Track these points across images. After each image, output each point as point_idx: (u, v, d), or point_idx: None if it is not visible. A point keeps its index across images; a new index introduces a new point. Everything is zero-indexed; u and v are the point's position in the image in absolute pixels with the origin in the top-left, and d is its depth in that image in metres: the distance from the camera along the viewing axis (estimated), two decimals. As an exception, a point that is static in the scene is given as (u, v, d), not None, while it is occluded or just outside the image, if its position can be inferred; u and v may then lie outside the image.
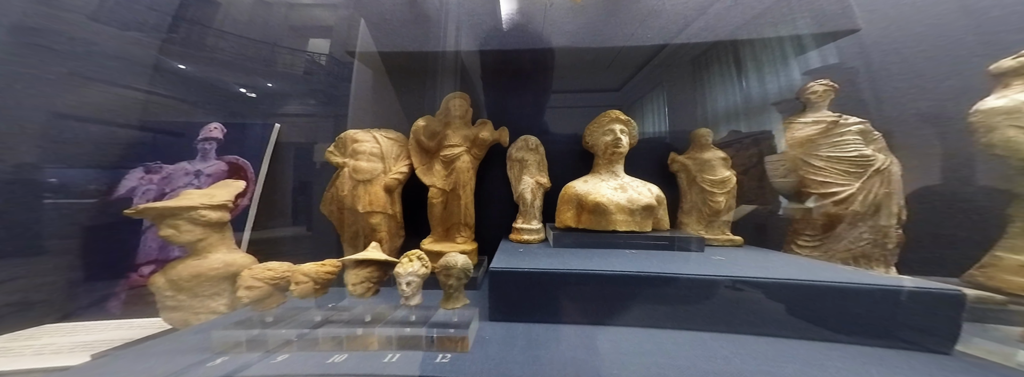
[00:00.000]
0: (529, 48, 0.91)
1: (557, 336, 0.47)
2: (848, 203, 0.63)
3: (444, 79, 1.00)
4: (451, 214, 0.83)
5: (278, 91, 1.05)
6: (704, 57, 0.89)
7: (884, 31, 0.75)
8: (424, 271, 0.45)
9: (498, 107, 0.99)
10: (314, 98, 1.06)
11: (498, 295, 0.53)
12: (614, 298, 0.51)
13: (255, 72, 1.03)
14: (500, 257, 0.63)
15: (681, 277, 0.48)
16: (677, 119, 0.92)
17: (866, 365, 0.38)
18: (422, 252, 0.46)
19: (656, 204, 0.75)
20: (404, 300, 0.43)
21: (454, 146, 0.84)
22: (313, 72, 1.04)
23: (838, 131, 0.66)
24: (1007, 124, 0.55)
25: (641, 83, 0.96)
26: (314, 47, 1.07)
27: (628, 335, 0.47)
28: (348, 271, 0.42)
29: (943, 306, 0.42)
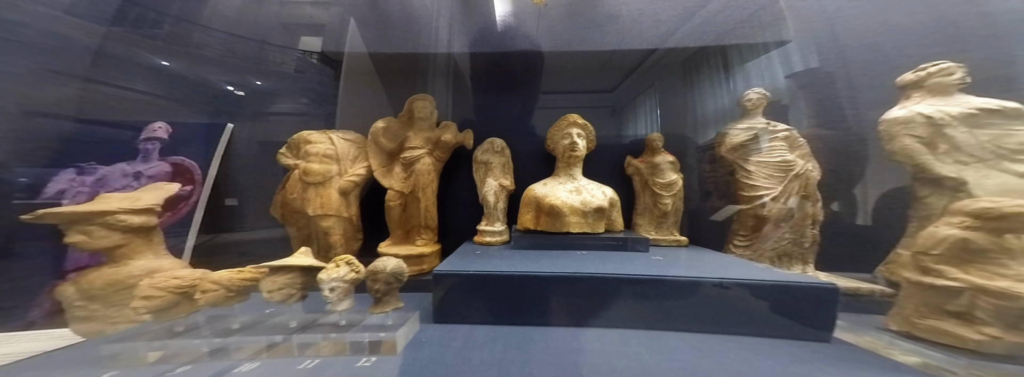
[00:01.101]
0: (495, 51, 0.93)
1: (496, 337, 0.48)
2: (772, 205, 0.68)
3: (429, 79, 1.00)
4: (411, 217, 0.83)
5: (268, 89, 1.01)
6: (693, 60, 0.92)
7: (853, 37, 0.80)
8: (353, 276, 0.44)
9: (472, 109, 0.99)
10: (306, 97, 1.03)
11: (441, 297, 0.54)
12: (548, 299, 0.53)
13: (243, 70, 0.99)
14: (450, 260, 0.65)
15: (602, 277, 0.51)
16: (663, 122, 0.94)
17: (754, 354, 0.42)
18: (353, 257, 0.46)
19: (608, 206, 0.78)
20: (330, 306, 0.42)
21: (415, 148, 0.84)
22: (304, 70, 1.02)
23: (766, 137, 0.71)
24: (904, 133, 0.61)
25: (631, 85, 0.98)
26: (306, 45, 1.03)
27: (561, 335, 0.49)
28: (264, 278, 0.42)
29: (820, 299, 0.47)
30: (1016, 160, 0.54)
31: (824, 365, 0.40)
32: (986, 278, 0.36)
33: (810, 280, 0.49)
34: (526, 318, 0.53)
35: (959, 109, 0.58)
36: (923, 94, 0.63)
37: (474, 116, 1.00)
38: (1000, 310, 0.35)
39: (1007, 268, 0.36)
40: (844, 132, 0.77)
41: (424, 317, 0.54)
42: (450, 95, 1.01)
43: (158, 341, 0.39)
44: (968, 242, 0.37)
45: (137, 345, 0.38)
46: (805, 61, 0.86)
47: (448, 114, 1.00)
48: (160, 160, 0.79)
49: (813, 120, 0.83)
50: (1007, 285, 0.35)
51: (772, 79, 0.90)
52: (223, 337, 0.40)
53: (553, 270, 0.53)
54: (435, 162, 0.86)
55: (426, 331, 0.50)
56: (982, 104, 0.58)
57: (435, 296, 0.53)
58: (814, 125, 0.81)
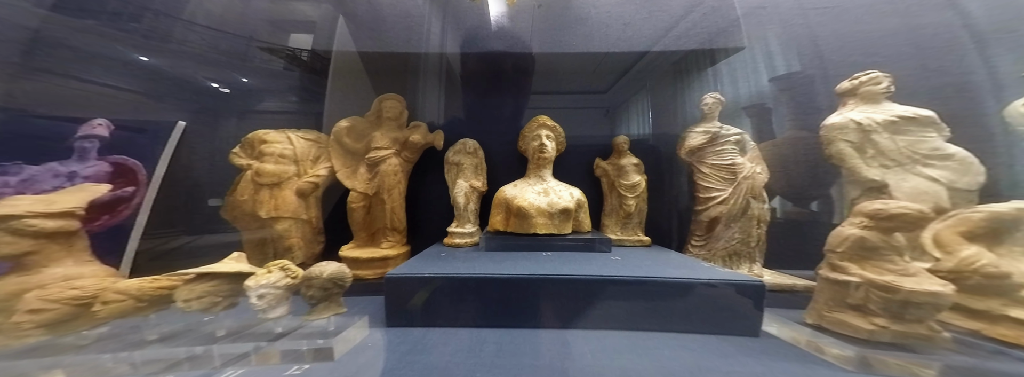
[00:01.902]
0: (483, 51, 0.92)
1: (449, 340, 0.48)
2: (722, 206, 0.72)
3: (417, 78, 0.97)
4: (376, 219, 0.81)
5: (255, 87, 0.98)
6: (683, 63, 0.94)
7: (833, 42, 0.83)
8: (288, 282, 0.43)
9: (461, 109, 0.98)
10: (295, 95, 1.00)
11: (393, 301, 0.53)
12: (502, 301, 0.53)
13: (229, 66, 0.95)
14: (409, 262, 0.64)
15: (553, 278, 0.52)
16: (654, 123, 0.96)
17: (687, 350, 0.44)
18: (289, 262, 0.45)
19: (574, 207, 0.79)
20: (260, 314, 0.41)
21: (381, 148, 0.82)
22: (294, 68, 0.98)
23: (719, 141, 0.74)
24: (839, 138, 0.66)
25: (624, 86, 0.99)
26: (296, 42, 1.00)
27: (514, 337, 0.49)
28: (181, 287, 0.40)
29: (748, 295, 0.49)
30: (928, 165, 0.59)
31: (743, 358, 0.43)
32: (877, 273, 0.39)
33: (738, 277, 0.52)
34: (480, 320, 0.53)
35: (883, 116, 0.63)
36: (856, 101, 0.68)
37: (463, 116, 0.99)
38: (886, 302, 0.38)
39: (894, 264, 0.39)
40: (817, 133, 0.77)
41: (379, 321, 0.53)
42: (442, 95, 1.00)
43: (54, 358, 0.36)
44: (865, 240, 0.41)
45: (25, 363, 0.35)
46: (788, 65, 0.90)
47: (440, 114, 0.99)
48: (99, 160, 0.73)
49: (793, 122, 0.86)
50: (892, 279, 0.38)
51: (757, 82, 0.93)
52: (135, 350, 0.37)
53: (508, 272, 0.54)
54: (403, 163, 0.85)
55: (376, 336, 0.49)
56: (902, 112, 0.63)
57: (387, 300, 0.52)
58: (794, 127, 0.84)
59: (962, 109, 0.67)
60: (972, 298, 0.41)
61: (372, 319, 0.53)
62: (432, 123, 0.94)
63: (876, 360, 0.37)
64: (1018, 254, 0.39)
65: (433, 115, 0.98)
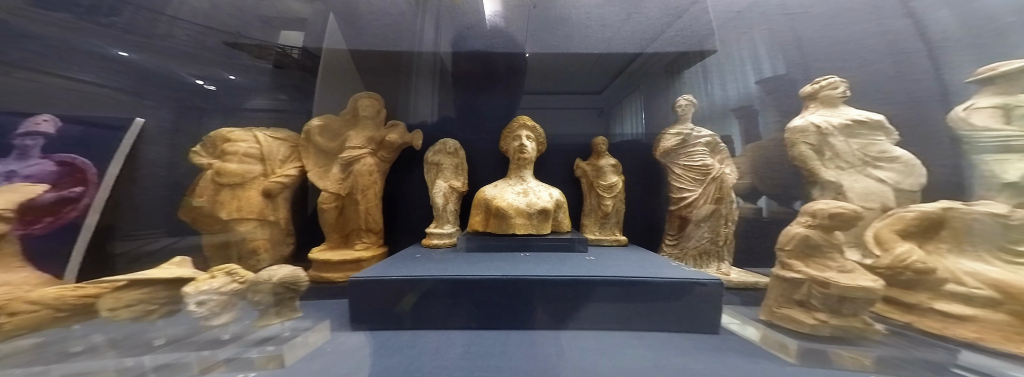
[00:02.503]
0: (475, 51, 0.90)
1: (415, 343, 0.48)
2: (693, 206, 0.74)
3: (410, 77, 0.95)
4: (349, 220, 0.80)
5: (243, 84, 0.94)
6: (674, 65, 0.95)
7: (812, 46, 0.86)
8: (234, 287, 0.41)
9: (452, 108, 0.96)
10: (285, 93, 0.97)
11: (357, 304, 0.52)
12: (470, 302, 0.53)
13: (215, 63, 0.91)
14: (379, 265, 0.63)
15: (521, 279, 0.52)
16: (647, 123, 0.96)
17: (648, 349, 0.45)
18: (236, 267, 0.43)
19: (552, 208, 0.79)
20: (202, 321, 0.39)
21: (356, 148, 0.80)
22: (285, 65, 0.95)
23: (691, 142, 0.76)
24: (801, 140, 0.69)
25: (618, 87, 0.99)
26: (286, 40, 0.97)
27: (483, 338, 0.49)
28: (106, 295, 0.37)
29: (707, 293, 0.51)
30: (877, 166, 0.62)
31: (698, 354, 0.44)
32: (818, 270, 0.42)
33: (698, 276, 0.53)
34: (449, 322, 0.52)
35: (839, 120, 0.66)
36: (817, 105, 0.71)
37: (447, 116, 0.98)
38: (826, 297, 0.40)
39: (834, 261, 0.42)
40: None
41: (345, 325, 0.51)
42: (426, 95, 0.98)
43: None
44: (808, 239, 0.43)
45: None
46: (774, 68, 0.93)
47: (425, 114, 0.97)
48: (42, 158, 0.68)
49: (779, 124, 0.87)
50: (830, 275, 0.40)
51: (746, 84, 0.96)
52: (55, 364, 0.34)
53: (473, 273, 0.53)
54: (379, 162, 0.83)
55: (338, 340, 0.48)
56: (855, 116, 0.66)
57: (351, 303, 0.51)
58: (780, 128, 0.85)
59: (916, 113, 0.71)
60: (906, 292, 0.44)
61: (338, 323, 0.51)
62: (420, 123, 0.92)
63: (816, 353, 0.39)
64: (944, 251, 0.43)
65: (418, 114, 0.96)
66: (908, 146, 0.69)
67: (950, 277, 0.41)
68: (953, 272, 0.41)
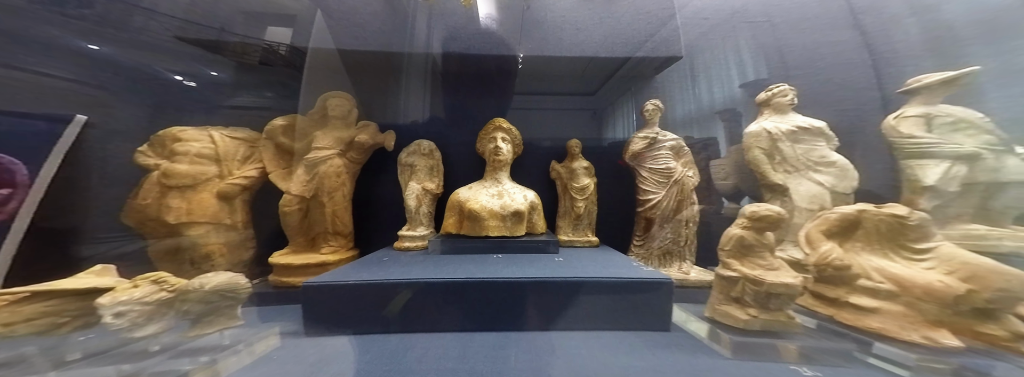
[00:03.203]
0: (465, 52, 0.87)
1: (371, 348, 0.47)
2: (657, 208, 0.77)
3: (401, 77, 0.93)
4: (315, 223, 0.77)
5: (225, 81, 0.89)
6: (664, 68, 0.96)
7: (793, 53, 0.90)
8: (161, 296, 0.39)
9: (442, 109, 0.95)
10: (272, 91, 0.93)
11: (311, 309, 0.51)
12: (431, 305, 0.53)
13: (196, 58, 0.85)
14: (342, 268, 0.62)
15: (480, 281, 0.52)
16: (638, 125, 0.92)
17: (600, 348, 0.46)
18: (166, 274, 0.41)
19: (526, 210, 0.79)
20: (124, 333, 0.36)
21: (322, 148, 0.78)
22: (271, 62, 0.90)
23: (656, 146, 0.79)
24: (755, 145, 0.73)
25: (611, 89, 1.00)
26: (273, 36, 0.93)
27: (444, 340, 0.49)
28: (1, 309, 0.34)
29: (657, 292, 0.53)
30: (817, 170, 0.67)
31: (645, 351, 0.46)
32: (750, 268, 0.45)
33: (649, 275, 0.55)
34: (408, 326, 0.52)
35: (787, 126, 0.71)
36: (770, 112, 0.75)
37: (426, 117, 0.96)
38: (756, 294, 0.43)
39: (764, 260, 0.45)
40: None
41: (300, 331, 0.50)
42: (425, 94, 0.97)
43: None
44: (743, 239, 0.46)
45: None
46: (756, 72, 0.96)
47: (423, 113, 0.95)
48: (-40, 158, 0.62)
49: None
50: (759, 273, 0.44)
51: (730, 88, 0.99)
52: None
53: (434, 277, 0.53)
54: (348, 164, 0.81)
55: (288, 347, 0.46)
56: (801, 122, 0.71)
57: (304, 309, 0.50)
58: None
59: (862, 120, 0.77)
60: (829, 288, 0.48)
61: (294, 329, 0.50)
62: (406, 123, 0.91)
63: (748, 346, 0.42)
64: (859, 249, 0.47)
65: (407, 114, 0.95)
66: (855, 150, 0.74)
67: (862, 273, 0.45)
68: (864, 268, 0.45)
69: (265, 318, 0.54)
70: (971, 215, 0.60)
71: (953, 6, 0.82)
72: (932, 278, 0.40)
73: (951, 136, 0.61)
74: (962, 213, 0.60)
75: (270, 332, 0.46)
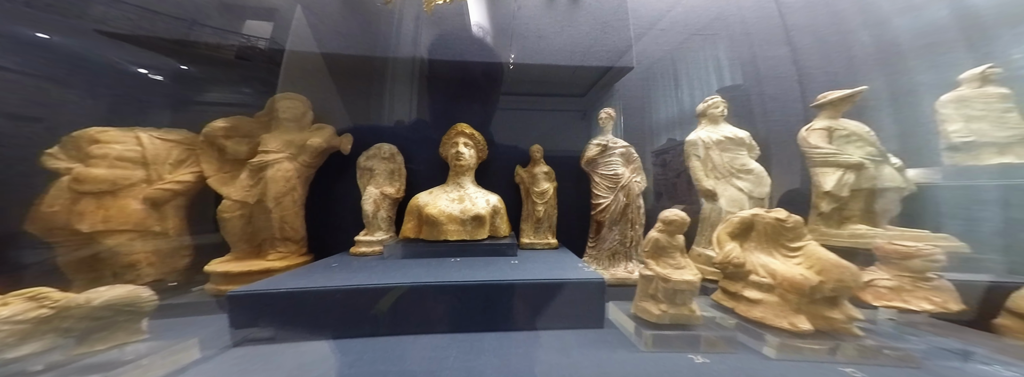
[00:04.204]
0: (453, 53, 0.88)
1: (305, 354, 0.46)
2: (606, 211, 0.81)
3: (385, 77, 0.91)
4: (260, 229, 0.74)
5: (196, 76, 0.84)
6: (649, 71, 1.01)
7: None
8: (38, 314, 0.36)
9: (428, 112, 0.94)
10: (249, 87, 0.88)
11: (238, 319, 0.49)
12: (368, 310, 0.53)
13: (164, 51, 0.81)
14: (279, 276, 0.60)
15: (420, 286, 0.53)
16: (626, 127, 0.99)
17: (536, 347, 0.49)
18: (47, 289, 0.38)
19: (487, 214, 0.81)
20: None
21: (270, 152, 0.75)
22: (250, 58, 0.85)
23: (607, 153, 0.83)
24: (692, 153, 0.80)
25: (599, 91, 1.02)
26: (252, 30, 0.88)
27: (376, 345, 0.49)
28: None
29: (591, 291, 0.57)
30: (739, 177, 0.74)
31: (575, 348, 0.49)
32: (662, 267, 0.50)
33: (584, 276, 0.58)
34: (347, 331, 0.52)
35: (717, 136, 0.77)
36: (706, 122, 0.82)
37: (428, 118, 0.95)
38: (665, 290, 0.48)
39: (674, 259, 0.50)
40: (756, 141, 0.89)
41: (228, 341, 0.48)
42: (414, 96, 0.95)
43: None
44: (658, 241, 0.51)
45: None
46: (733, 78, 1.03)
47: (412, 114, 0.94)
48: None
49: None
50: (667, 271, 0.49)
51: (710, 92, 1.01)
52: None
53: (369, 282, 0.53)
54: (300, 168, 0.78)
55: (208, 359, 0.44)
56: (728, 133, 0.77)
57: (230, 318, 0.49)
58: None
59: (789, 130, 0.84)
60: (730, 283, 0.54)
61: (224, 340, 0.48)
62: (370, 126, 0.88)
63: (660, 338, 0.47)
64: (752, 248, 0.53)
65: (390, 115, 0.93)
66: (781, 158, 0.83)
67: (752, 269, 0.51)
68: (754, 265, 0.52)
69: (197, 329, 0.51)
70: (858, 217, 0.69)
71: (870, 30, 0.92)
72: (796, 272, 0.47)
73: (845, 147, 0.71)
74: (852, 215, 0.69)
75: (186, 345, 0.44)
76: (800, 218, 0.51)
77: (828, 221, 0.71)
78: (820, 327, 0.45)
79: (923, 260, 0.47)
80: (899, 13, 0.87)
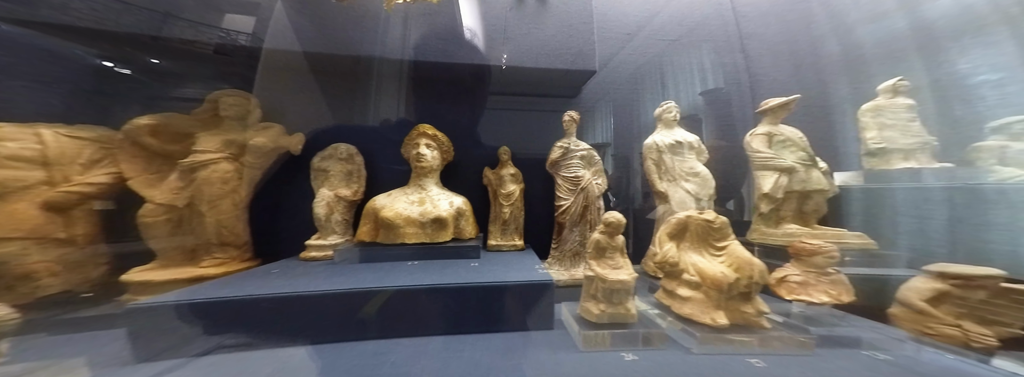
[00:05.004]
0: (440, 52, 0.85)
1: (217, 367, 0.43)
2: (567, 213, 0.83)
3: (371, 75, 0.87)
4: (193, 234, 0.68)
5: (169, 70, 0.81)
6: (637, 73, 1.03)
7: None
8: None
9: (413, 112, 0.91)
10: (229, 83, 0.84)
11: (140, 333, 0.44)
12: (296, 318, 0.50)
13: (133, 44, 0.76)
14: (194, 287, 0.55)
15: (359, 291, 0.50)
16: (616, 128, 1.02)
17: (481, 349, 0.48)
18: None
19: (449, 216, 0.79)
20: None
21: (205, 152, 0.69)
22: (228, 52, 0.82)
23: (569, 155, 0.84)
24: (648, 155, 0.82)
25: (590, 93, 1.02)
26: (231, 24, 0.85)
27: (300, 355, 0.47)
28: None
29: (541, 293, 0.57)
30: (687, 180, 0.78)
31: (520, 350, 0.49)
32: (602, 268, 0.51)
33: (531, 277, 0.58)
34: (267, 342, 0.48)
35: (669, 140, 0.80)
36: (662, 126, 0.85)
37: (394, 119, 0.92)
38: (603, 290, 0.50)
39: (613, 260, 0.52)
40: (732, 143, 0.92)
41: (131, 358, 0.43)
42: (402, 97, 0.92)
43: None
44: (599, 242, 0.53)
45: None
46: (715, 81, 1.06)
47: (379, 115, 0.91)
48: None
49: (715, 133, 1.01)
50: (604, 271, 0.50)
51: (693, 95, 1.08)
52: None
53: (284, 291, 0.50)
54: (242, 168, 0.73)
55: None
56: (679, 137, 0.81)
57: (129, 333, 0.44)
58: (716, 137, 0.98)
59: (741, 134, 0.90)
60: (668, 282, 0.57)
61: (120, 356, 0.43)
62: (365, 124, 0.86)
63: (598, 338, 0.48)
64: (686, 248, 0.56)
65: (374, 115, 0.90)
66: (729, 162, 0.88)
67: (685, 268, 0.54)
68: (687, 264, 0.54)
69: (99, 344, 0.46)
70: (792, 217, 0.75)
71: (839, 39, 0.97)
72: (718, 270, 0.50)
73: (781, 152, 0.76)
74: (786, 215, 0.75)
75: (70, 365, 0.39)
76: (726, 219, 0.54)
77: (767, 221, 0.76)
78: (736, 321, 0.48)
79: (824, 256, 0.51)
80: (861, 22, 0.92)
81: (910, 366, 0.44)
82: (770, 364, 0.43)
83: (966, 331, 0.45)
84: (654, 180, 0.79)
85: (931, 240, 0.64)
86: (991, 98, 0.70)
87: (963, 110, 0.72)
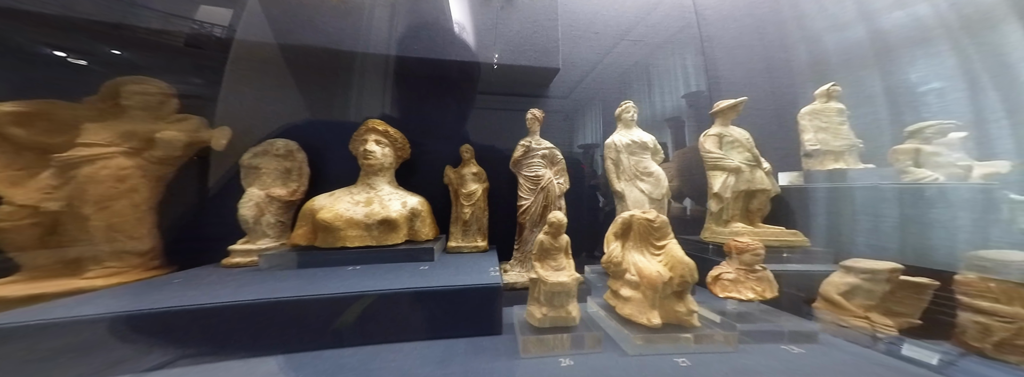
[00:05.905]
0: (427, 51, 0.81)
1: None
2: (527, 213, 0.80)
3: (352, 70, 0.82)
4: (73, 241, 0.58)
5: (133, 62, 0.74)
6: (627, 75, 1.01)
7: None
8: None
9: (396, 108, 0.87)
10: (201, 77, 0.80)
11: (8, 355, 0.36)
12: (229, 329, 0.44)
13: (90, 33, 0.69)
14: (56, 303, 0.45)
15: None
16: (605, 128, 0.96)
17: (418, 358, 0.44)
18: None
19: (400, 218, 0.74)
20: None
21: (92, 145, 0.59)
22: (200, 45, 0.77)
23: (530, 154, 0.82)
24: (607, 155, 0.82)
25: (581, 93, 1.01)
26: (206, 16, 0.80)
27: (199, 373, 0.40)
28: None
29: (488, 297, 0.54)
30: (642, 180, 0.78)
31: (459, 358, 0.46)
32: (544, 269, 0.50)
33: (478, 281, 0.55)
34: (160, 360, 0.41)
35: (627, 140, 0.81)
36: (621, 126, 0.85)
37: (398, 117, 0.86)
38: (545, 292, 0.48)
39: (556, 261, 0.50)
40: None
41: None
42: (387, 93, 0.87)
43: None
44: (543, 243, 0.51)
45: None
46: (698, 84, 1.08)
47: (356, 110, 0.85)
48: None
49: (698, 134, 0.98)
50: (545, 273, 0.49)
51: (676, 97, 1.09)
52: None
53: (203, 302, 0.43)
54: (146, 165, 0.64)
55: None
56: (636, 137, 0.81)
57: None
58: (697, 139, 0.95)
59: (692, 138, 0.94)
60: (613, 282, 0.56)
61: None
62: (344, 120, 0.81)
63: (540, 342, 0.46)
64: (630, 247, 0.56)
65: (359, 112, 0.85)
66: (689, 160, 0.91)
67: (627, 268, 0.53)
68: (629, 263, 0.54)
69: None
70: (738, 215, 0.77)
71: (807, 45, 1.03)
72: (654, 269, 0.49)
73: (730, 152, 0.78)
74: (734, 214, 0.77)
75: None
76: (666, 219, 0.53)
77: (717, 220, 0.78)
78: (669, 320, 0.48)
79: (751, 254, 0.52)
80: (827, 31, 0.99)
81: (817, 357, 0.45)
82: (694, 363, 0.43)
83: (872, 322, 0.47)
84: (612, 179, 0.79)
85: (858, 236, 0.68)
86: (935, 106, 0.76)
87: (912, 116, 0.77)
